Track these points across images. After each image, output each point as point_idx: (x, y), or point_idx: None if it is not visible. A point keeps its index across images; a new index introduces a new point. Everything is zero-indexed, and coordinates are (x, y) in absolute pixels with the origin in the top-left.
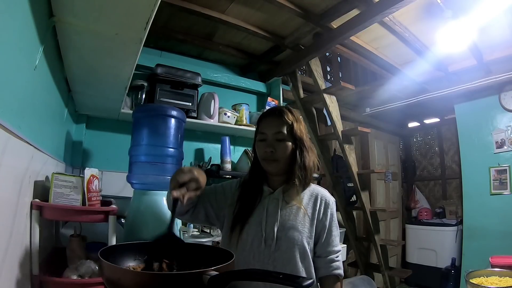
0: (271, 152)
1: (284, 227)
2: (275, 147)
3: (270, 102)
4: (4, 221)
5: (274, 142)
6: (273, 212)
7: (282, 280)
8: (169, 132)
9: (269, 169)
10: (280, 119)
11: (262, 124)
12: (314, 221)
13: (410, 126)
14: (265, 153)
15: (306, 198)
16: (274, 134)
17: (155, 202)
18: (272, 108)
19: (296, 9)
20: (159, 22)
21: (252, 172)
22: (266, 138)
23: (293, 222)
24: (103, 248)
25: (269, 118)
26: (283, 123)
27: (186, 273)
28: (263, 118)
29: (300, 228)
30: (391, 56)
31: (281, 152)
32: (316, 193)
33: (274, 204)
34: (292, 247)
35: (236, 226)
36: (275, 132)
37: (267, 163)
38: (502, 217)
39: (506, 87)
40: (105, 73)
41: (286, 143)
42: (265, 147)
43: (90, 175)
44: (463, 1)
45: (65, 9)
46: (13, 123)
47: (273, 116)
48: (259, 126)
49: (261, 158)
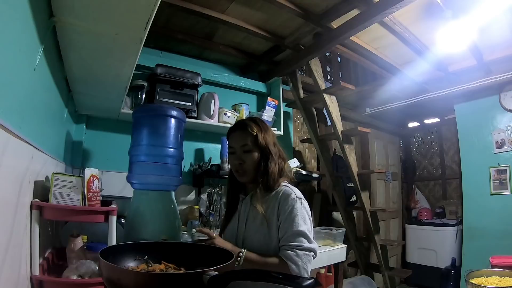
0: (239, 164)
1: (249, 231)
2: (243, 158)
3: (270, 102)
4: (4, 221)
5: (241, 154)
6: (243, 217)
7: (282, 280)
8: (169, 132)
9: (241, 180)
10: (245, 132)
11: (230, 139)
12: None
13: (410, 126)
14: (235, 165)
15: (272, 200)
16: (241, 147)
17: (155, 202)
18: (238, 122)
19: (296, 9)
20: (159, 22)
21: (230, 183)
22: (235, 152)
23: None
24: (103, 248)
25: (235, 133)
26: (248, 135)
27: (186, 273)
28: (231, 133)
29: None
30: (391, 56)
31: (249, 163)
32: (280, 192)
33: (244, 210)
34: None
35: (221, 233)
36: (242, 144)
37: (238, 175)
38: (502, 217)
39: (506, 87)
40: (105, 73)
41: (252, 154)
42: (234, 160)
43: (90, 175)
44: (463, 1)
45: (65, 9)
46: (13, 123)
47: (238, 130)
48: (228, 141)
49: (233, 171)
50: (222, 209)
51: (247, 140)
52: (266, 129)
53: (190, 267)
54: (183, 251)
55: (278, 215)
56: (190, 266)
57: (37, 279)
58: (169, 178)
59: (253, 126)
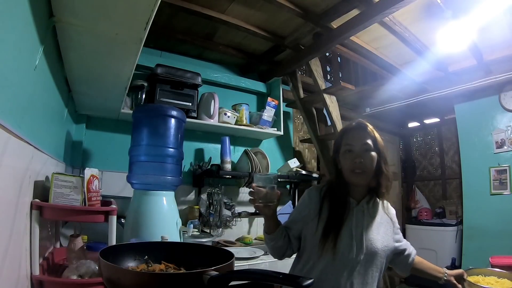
0: (360, 163)
1: (370, 239)
2: (363, 158)
3: (270, 102)
4: (4, 221)
5: (362, 153)
6: (360, 224)
7: (282, 280)
8: (169, 132)
9: (357, 180)
10: (365, 132)
11: (349, 136)
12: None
13: (410, 126)
14: (354, 163)
15: (384, 208)
16: (362, 145)
17: (155, 202)
18: (356, 122)
19: (296, 9)
20: (159, 22)
21: (337, 184)
22: (353, 149)
23: (377, 234)
24: (103, 248)
25: (356, 131)
26: (368, 135)
27: (186, 273)
28: (349, 131)
29: (384, 240)
30: (391, 56)
31: (368, 163)
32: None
33: (359, 216)
34: (374, 257)
35: (328, 238)
36: (363, 143)
37: (356, 175)
38: (502, 217)
39: (506, 87)
40: (105, 73)
41: (372, 154)
42: (354, 158)
43: (90, 175)
44: (463, 1)
45: (65, 9)
46: (13, 123)
47: (359, 129)
48: (344, 138)
49: (350, 170)
50: (222, 209)
51: (367, 139)
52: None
53: (190, 267)
54: (183, 251)
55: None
56: (190, 266)
57: (37, 279)
58: (169, 178)
59: (371, 127)
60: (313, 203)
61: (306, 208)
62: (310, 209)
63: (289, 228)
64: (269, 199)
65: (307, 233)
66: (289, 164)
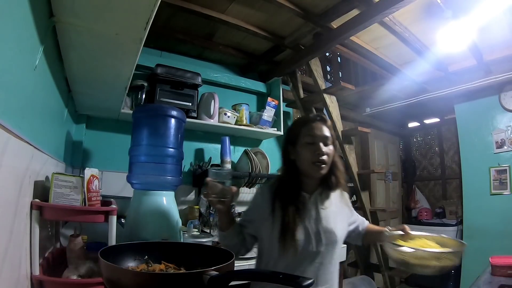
0: (322, 155)
1: (329, 230)
2: (325, 150)
3: (270, 102)
4: (4, 221)
5: (324, 145)
6: (315, 216)
7: (282, 280)
8: (169, 132)
9: (317, 173)
10: (326, 124)
11: (311, 128)
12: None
13: (410, 126)
14: (317, 155)
15: (337, 197)
16: (324, 138)
17: (155, 202)
18: (314, 114)
19: (296, 9)
20: (159, 22)
21: (289, 179)
22: (316, 141)
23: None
24: (103, 248)
25: (318, 123)
26: (328, 128)
27: (186, 273)
28: (311, 122)
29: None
30: (391, 56)
31: (330, 156)
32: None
33: (314, 209)
34: (334, 246)
35: (286, 236)
36: (325, 135)
37: (317, 167)
38: (502, 217)
39: (506, 87)
40: (105, 73)
41: (331, 147)
42: (316, 150)
43: (90, 175)
44: (463, 1)
45: (65, 9)
46: (13, 123)
47: (321, 122)
48: (305, 129)
49: (311, 161)
50: None
51: (328, 132)
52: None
53: (190, 267)
54: (183, 251)
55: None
56: (190, 266)
57: (37, 279)
58: (169, 178)
59: (329, 121)
60: (265, 202)
61: (259, 207)
62: (263, 208)
63: (244, 226)
64: (223, 194)
65: (263, 233)
66: None
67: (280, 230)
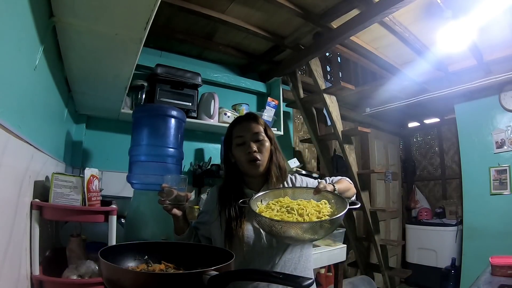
0: (254, 152)
1: None
2: (256, 147)
3: (270, 102)
4: (4, 221)
5: (255, 143)
6: None
7: (282, 280)
8: (169, 132)
9: (255, 171)
10: (254, 121)
11: (238, 128)
12: None
13: (410, 126)
14: (249, 154)
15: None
16: (253, 135)
17: (155, 202)
18: (245, 114)
19: (296, 9)
20: (159, 22)
21: (231, 178)
22: (245, 140)
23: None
24: (103, 248)
25: (244, 122)
26: (259, 125)
27: (186, 273)
28: (238, 123)
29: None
30: (391, 56)
31: (264, 153)
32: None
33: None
34: None
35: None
36: (254, 132)
37: (253, 165)
38: (502, 217)
39: (506, 87)
40: (105, 73)
41: (264, 143)
42: (247, 149)
43: (90, 175)
44: (463, 1)
45: (65, 9)
46: (13, 123)
47: (248, 120)
48: (234, 131)
49: (245, 161)
50: None
51: (258, 129)
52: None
53: (190, 267)
54: (183, 251)
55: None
56: (190, 266)
57: (37, 279)
58: None
59: (260, 119)
60: (214, 202)
61: (209, 208)
62: (212, 209)
63: (198, 228)
64: (179, 200)
65: (214, 233)
66: (289, 164)
67: (226, 230)
